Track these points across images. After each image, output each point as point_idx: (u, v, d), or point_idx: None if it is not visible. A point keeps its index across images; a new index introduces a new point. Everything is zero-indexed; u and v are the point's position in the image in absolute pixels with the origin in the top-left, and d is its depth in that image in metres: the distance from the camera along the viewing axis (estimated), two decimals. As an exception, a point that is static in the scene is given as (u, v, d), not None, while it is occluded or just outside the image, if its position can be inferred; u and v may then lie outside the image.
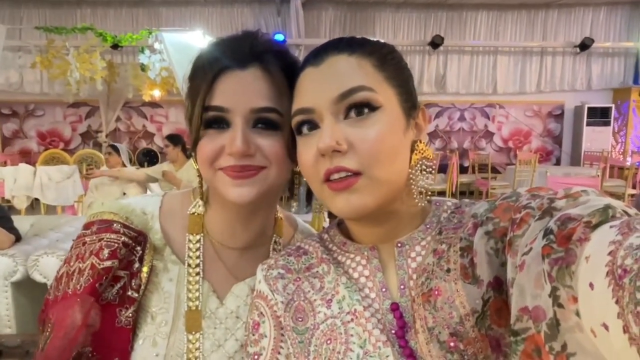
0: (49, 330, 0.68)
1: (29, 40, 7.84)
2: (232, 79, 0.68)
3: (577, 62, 8.91)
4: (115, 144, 5.19)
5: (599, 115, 8.76)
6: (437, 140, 9.23)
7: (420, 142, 0.65)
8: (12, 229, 2.97)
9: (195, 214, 0.79)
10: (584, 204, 0.46)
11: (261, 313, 0.68)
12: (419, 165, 0.64)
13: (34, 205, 6.59)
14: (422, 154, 0.64)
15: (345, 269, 0.67)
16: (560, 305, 0.41)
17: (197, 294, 0.76)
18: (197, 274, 0.77)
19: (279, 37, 7.87)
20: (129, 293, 0.72)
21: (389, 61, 0.62)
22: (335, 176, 0.58)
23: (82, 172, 6.07)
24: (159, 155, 8.54)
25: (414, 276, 0.62)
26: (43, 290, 2.80)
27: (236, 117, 0.68)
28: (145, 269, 0.74)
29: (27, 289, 2.90)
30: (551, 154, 9.35)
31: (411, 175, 0.63)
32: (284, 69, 0.70)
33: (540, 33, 8.91)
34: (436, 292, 0.58)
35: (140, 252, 0.74)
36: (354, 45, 0.62)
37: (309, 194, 0.78)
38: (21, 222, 3.33)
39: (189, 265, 0.77)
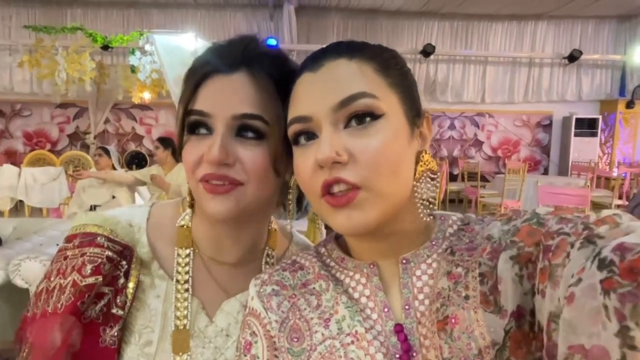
0: (26, 350, 0.63)
1: (18, 39, 7.72)
2: (217, 84, 0.65)
3: (565, 73, 9.03)
4: (106, 146, 5.12)
5: (587, 126, 8.89)
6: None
7: (426, 152, 0.61)
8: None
9: (185, 226, 0.75)
10: (629, 230, 0.42)
11: (253, 332, 0.64)
12: (423, 178, 0.60)
13: (18, 207, 6.46)
14: (427, 165, 0.60)
15: (344, 288, 0.63)
16: (633, 348, 0.37)
17: (185, 312, 0.71)
18: (186, 290, 0.72)
19: (272, 41, 7.86)
20: (114, 310, 0.67)
21: (392, 66, 0.58)
22: (335, 189, 0.54)
23: (68, 172, 5.97)
24: (147, 158, 8.44)
25: (420, 296, 0.58)
26: (25, 295, 2.73)
27: (218, 123, 0.64)
28: (131, 285, 0.69)
29: (8, 294, 2.82)
30: (539, 163, 9.44)
31: (415, 189, 0.59)
32: (278, 75, 0.65)
33: (529, 44, 9.03)
34: (453, 320, 0.53)
35: (126, 266, 0.69)
36: (354, 49, 0.58)
37: (299, 200, 0.74)
38: (3, 225, 3.26)
39: (178, 281, 0.72)
